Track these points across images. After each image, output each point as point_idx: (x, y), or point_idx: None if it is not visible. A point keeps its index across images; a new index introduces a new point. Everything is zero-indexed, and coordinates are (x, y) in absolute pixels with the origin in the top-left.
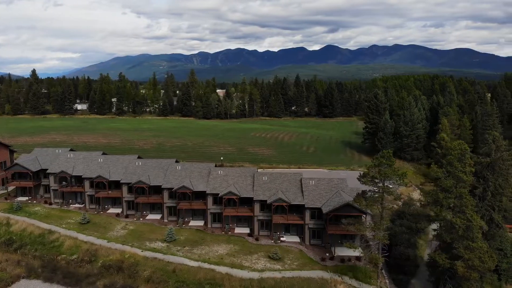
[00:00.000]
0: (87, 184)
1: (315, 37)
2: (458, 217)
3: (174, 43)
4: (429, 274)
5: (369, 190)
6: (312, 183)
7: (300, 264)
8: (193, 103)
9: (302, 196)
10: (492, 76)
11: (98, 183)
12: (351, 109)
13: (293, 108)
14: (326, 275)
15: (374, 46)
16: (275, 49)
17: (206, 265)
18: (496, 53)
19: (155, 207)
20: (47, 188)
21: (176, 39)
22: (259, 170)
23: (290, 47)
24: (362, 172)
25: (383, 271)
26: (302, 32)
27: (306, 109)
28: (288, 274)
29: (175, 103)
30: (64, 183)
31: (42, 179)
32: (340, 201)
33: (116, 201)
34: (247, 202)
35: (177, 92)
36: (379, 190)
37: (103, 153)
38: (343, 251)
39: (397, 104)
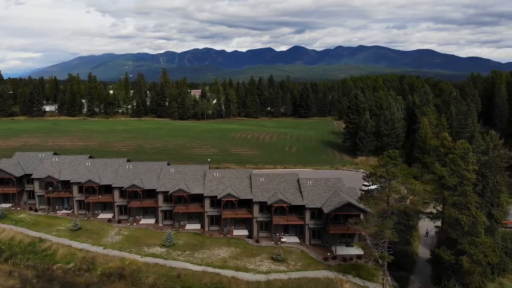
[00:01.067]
0: (75, 189)
1: (282, 38)
2: (464, 214)
3: (140, 43)
4: (431, 270)
5: (375, 189)
6: (309, 183)
7: (304, 264)
8: (167, 103)
9: (302, 197)
10: (452, 76)
11: (88, 188)
12: (325, 110)
13: (269, 108)
14: (330, 274)
15: (339, 47)
16: (243, 49)
17: (210, 269)
18: (456, 54)
19: (148, 211)
20: (31, 194)
21: (142, 38)
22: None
23: (258, 47)
24: (368, 172)
25: (384, 268)
26: (270, 32)
27: (282, 110)
28: (293, 275)
29: (148, 103)
30: (50, 188)
31: (26, 184)
32: (340, 201)
33: (106, 206)
34: (245, 204)
35: (147, 92)
36: (386, 189)
37: (90, 157)
38: (343, 250)
39: (375, 104)
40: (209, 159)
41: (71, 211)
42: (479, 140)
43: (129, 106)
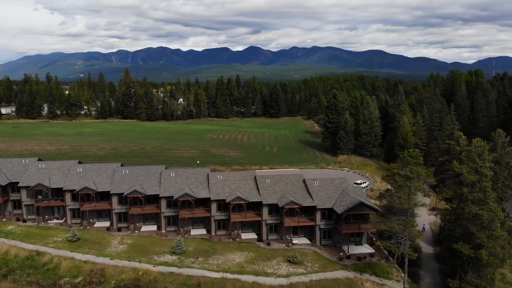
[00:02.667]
0: (68, 196)
1: (238, 38)
2: (483, 210)
3: (91, 41)
4: (442, 264)
5: (395, 188)
6: (316, 184)
7: (321, 265)
8: (132, 104)
9: (311, 197)
10: (401, 76)
11: (83, 196)
12: (295, 109)
13: (238, 108)
14: (349, 274)
15: (294, 48)
16: (200, 49)
17: (229, 275)
18: (405, 54)
19: (149, 218)
20: (16, 204)
21: (93, 36)
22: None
23: (215, 47)
24: (388, 173)
25: (395, 265)
26: (226, 32)
27: (252, 110)
28: (314, 277)
29: (113, 104)
30: (40, 197)
31: (11, 193)
32: (352, 200)
33: (102, 214)
34: (252, 206)
35: (106, 92)
36: (409, 188)
37: (79, 162)
38: (354, 249)
39: (350, 103)
40: (198, 161)
41: (63, 220)
42: (462, 137)
43: (94, 108)
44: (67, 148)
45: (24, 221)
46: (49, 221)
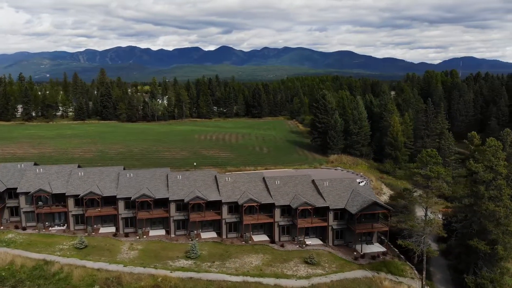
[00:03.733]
0: (71, 202)
1: (210, 38)
2: (500, 207)
3: (57, 40)
4: (452, 261)
5: (415, 187)
6: (326, 184)
7: (338, 266)
8: (111, 105)
9: (323, 198)
10: (370, 76)
11: (87, 201)
12: (277, 109)
13: (220, 109)
14: (367, 273)
15: (265, 48)
16: (170, 48)
17: (250, 279)
18: (373, 55)
19: (156, 222)
20: (14, 211)
21: (60, 35)
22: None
23: (186, 46)
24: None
25: (407, 262)
26: (198, 32)
27: (234, 110)
28: (334, 277)
29: (91, 105)
30: (40, 203)
31: (7, 200)
32: (365, 200)
33: (106, 219)
34: (264, 208)
35: (84, 93)
36: (431, 188)
37: (79, 166)
38: (366, 249)
39: (337, 104)
40: (195, 163)
41: (64, 227)
42: (449, 136)
43: (71, 109)
44: (51, 151)
45: (24, 228)
46: (50, 228)
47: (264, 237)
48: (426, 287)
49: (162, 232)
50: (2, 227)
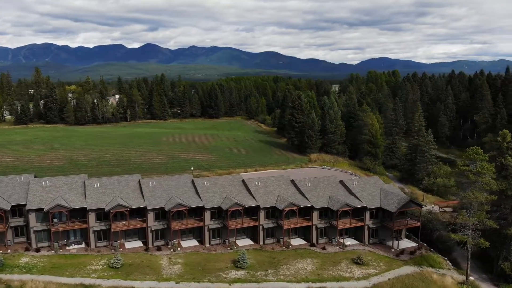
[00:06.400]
0: (92, 217)
1: (134, 35)
2: None
3: None
4: (483, 250)
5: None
6: (355, 184)
7: (386, 264)
8: (56, 107)
9: (358, 199)
10: (295, 76)
11: (115, 214)
12: (233, 110)
13: (174, 109)
14: (414, 269)
15: (193, 46)
16: (91, 45)
17: (314, 285)
18: (297, 56)
19: (186, 232)
20: (19, 231)
21: None
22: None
23: (108, 43)
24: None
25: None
26: (121, 29)
27: (189, 110)
28: (389, 275)
29: (32, 107)
30: (55, 220)
31: (11, 218)
32: (400, 198)
33: (130, 233)
34: (301, 212)
35: (24, 95)
36: (481, 183)
37: (89, 177)
38: (400, 245)
39: (308, 103)
40: (192, 168)
41: (82, 245)
42: (429, 134)
43: (9, 112)
44: (13, 159)
45: (37, 250)
46: (67, 247)
47: (301, 241)
48: (458, 277)
49: (194, 242)
50: (9, 250)
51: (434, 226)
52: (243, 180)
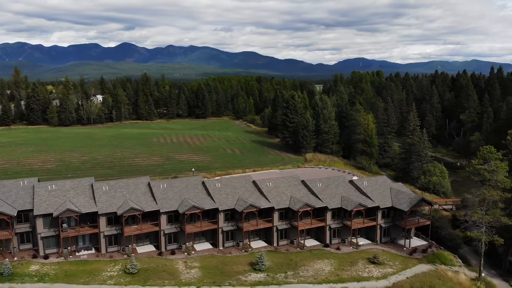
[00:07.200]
0: (103, 221)
1: (110, 34)
2: None
3: None
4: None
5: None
6: (365, 184)
7: (401, 262)
8: (39, 108)
9: (370, 198)
10: (274, 76)
11: (127, 218)
12: (220, 110)
13: (159, 109)
14: (429, 266)
15: (170, 46)
16: (65, 44)
17: (336, 286)
18: (276, 56)
19: (199, 235)
20: (24, 237)
21: None
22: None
23: (83, 42)
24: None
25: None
26: (97, 28)
27: (175, 110)
28: (407, 274)
29: (13, 108)
30: (64, 225)
31: (16, 224)
32: (412, 197)
33: (141, 237)
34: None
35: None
36: (495, 182)
37: (96, 180)
38: (411, 243)
39: (300, 103)
40: (193, 169)
41: (92, 250)
42: (423, 133)
43: None
44: (2, 162)
45: (46, 257)
46: (77, 253)
47: (314, 242)
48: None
49: (208, 245)
50: (15, 258)
51: (441, 224)
52: (254, 181)
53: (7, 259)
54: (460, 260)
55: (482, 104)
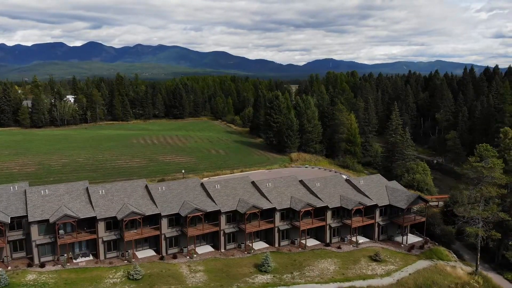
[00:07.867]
0: (101, 226)
1: (76, 33)
2: None
3: None
4: (484, 242)
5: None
6: (361, 182)
7: (402, 259)
8: (9, 109)
9: (367, 197)
10: (245, 76)
11: (127, 223)
12: (198, 110)
13: (135, 110)
14: (428, 262)
15: (139, 45)
16: (29, 43)
17: (343, 285)
18: (246, 56)
19: (200, 238)
20: (17, 245)
21: None
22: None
23: (48, 41)
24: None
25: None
26: (62, 26)
27: (152, 111)
28: (409, 270)
29: None
30: (61, 231)
31: (8, 232)
32: (408, 195)
33: (140, 241)
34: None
35: None
36: (492, 178)
37: (90, 184)
38: (408, 240)
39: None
40: (183, 170)
41: (89, 257)
42: (406, 132)
43: None
44: None
45: (42, 265)
46: (74, 260)
47: (315, 241)
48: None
49: (209, 248)
50: (9, 268)
51: (434, 220)
52: (253, 182)
53: (1, 269)
54: (455, 255)
55: (457, 104)
